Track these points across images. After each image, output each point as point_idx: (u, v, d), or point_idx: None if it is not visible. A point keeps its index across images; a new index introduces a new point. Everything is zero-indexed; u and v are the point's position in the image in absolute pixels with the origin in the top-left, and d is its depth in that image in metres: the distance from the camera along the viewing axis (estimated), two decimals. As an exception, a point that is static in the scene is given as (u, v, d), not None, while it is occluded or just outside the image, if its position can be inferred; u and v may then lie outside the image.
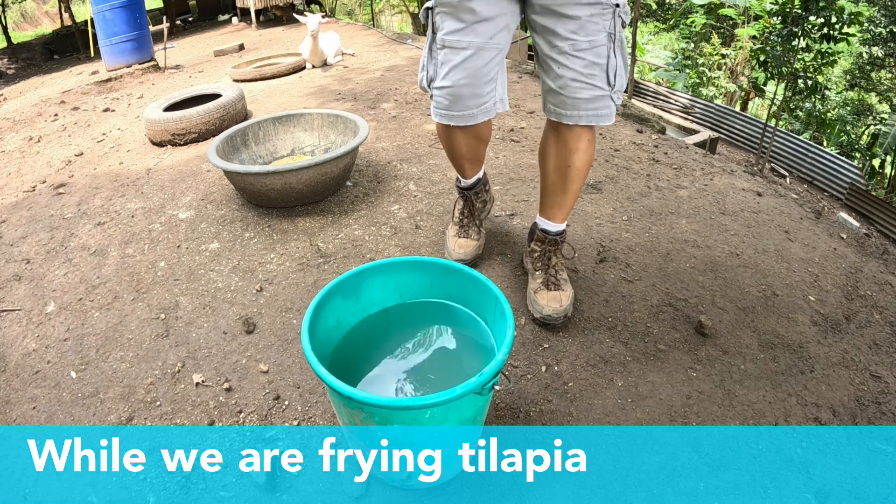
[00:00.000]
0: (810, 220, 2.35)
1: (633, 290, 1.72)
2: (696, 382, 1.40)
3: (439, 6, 1.30)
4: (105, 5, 6.54)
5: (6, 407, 1.43)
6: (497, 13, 1.27)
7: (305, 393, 1.38)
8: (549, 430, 1.26)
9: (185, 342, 1.58)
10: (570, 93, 1.32)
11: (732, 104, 11.81)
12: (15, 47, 12.65)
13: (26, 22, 22.63)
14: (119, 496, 1.17)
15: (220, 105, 3.24)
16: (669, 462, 1.20)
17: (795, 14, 6.39)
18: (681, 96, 10.06)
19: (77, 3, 15.22)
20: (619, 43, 1.29)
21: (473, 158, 1.58)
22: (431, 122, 3.28)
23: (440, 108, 1.42)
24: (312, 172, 2.10)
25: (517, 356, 1.46)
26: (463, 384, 0.89)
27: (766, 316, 1.65)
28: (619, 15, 1.26)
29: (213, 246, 2.04)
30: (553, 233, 1.59)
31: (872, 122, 11.52)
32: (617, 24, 1.27)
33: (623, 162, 2.77)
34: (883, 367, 1.51)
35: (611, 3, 1.24)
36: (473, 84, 1.35)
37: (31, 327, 1.71)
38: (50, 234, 2.27)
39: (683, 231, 2.09)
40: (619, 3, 1.25)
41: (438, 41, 1.33)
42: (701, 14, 11.94)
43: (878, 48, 13.57)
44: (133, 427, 1.33)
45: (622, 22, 1.28)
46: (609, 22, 1.26)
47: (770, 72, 7.06)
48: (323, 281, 1.79)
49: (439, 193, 2.34)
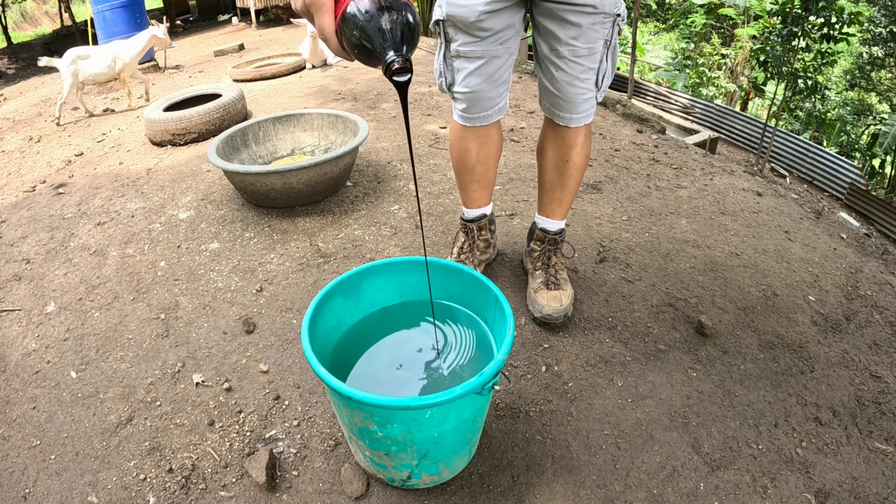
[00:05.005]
0: (810, 220, 2.35)
1: (633, 290, 1.72)
2: (696, 382, 1.40)
3: (450, 22, 1.31)
4: (105, 5, 6.54)
5: (6, 407, 1.43)
6: (507, 25, 1.31)
7: (305, 393, 1.38)
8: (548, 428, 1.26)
9: (185, 342, 1.58)
10: (565, 95, 1.37)
11: (732, 104, 11.81)
12: (15, 47, 12.65)
13: (26, 22, 22.63)
14: (119, 496, 1.17)
15: (220, 105, 3.24)
16: (669, 462, 1.20)
17: (795, 14, 6.39)
18: (681, 96, 10.06)
19: (77, 3, 15.22)
20: (612, 49, 1.34)
21: (483, 176, 1.57)
22: (431, 122, 3.29)
23: (460, 111, 1.47)
24: (312, 172, 2.10)
25: (517, 356, 1.46)
26: (463, 384, 0.89)
27: (766, 316, 1.65)
28: (618, 24, 1.29)
29: (213, 246, 2.04)
30: (553, 232, 1.60)
31: (872, 122, 11.52)
32: (615, 32, 1.31)
33: (623, 162, 2.77)
34: (883, 367, 1.51)
35: (612, 14, 1.27)
36: (489, 88, 1.39)
37: (31, 327, 1.71)
38: (50, 234, 2.27)
39: (683, 231, 2.09)
40: (619, 14, 1.28)
41: (452, 51, 1.36)
42: (701, 14, 11.95)
43: (878, 48, 13.57)
44: (133, 427, 1.33)
45: (619, 30, 1.31)
46: (608, 30, 1.29)
47: (770, 72, 7.05)
48: (323, 281, 1.79)
49: (439, 193, 2.34)
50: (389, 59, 0.68)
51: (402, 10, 0.69)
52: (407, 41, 0.69)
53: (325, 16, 0.70)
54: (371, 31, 0.67)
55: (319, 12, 0.70)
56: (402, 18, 0.68)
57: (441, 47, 1.39)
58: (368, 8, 0.67)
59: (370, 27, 0.67)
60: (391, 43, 0.68)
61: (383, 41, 0.68)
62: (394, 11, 0.68)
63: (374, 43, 0.68)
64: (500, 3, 1.25)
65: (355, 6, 0.68)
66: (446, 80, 1.42)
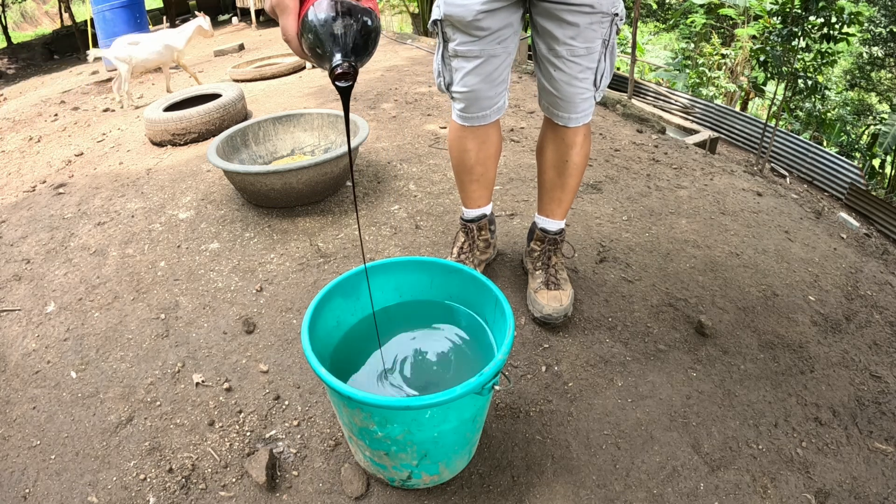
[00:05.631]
0: (810, 220, 2.35)
1: (633, 290, 1.72)
2: (696, 382, 1.40)
3: (448, 21, 1.31)
4: (105, 5, 6.54)
5: (6, 407, 1.43)
6: (504, 24, 1.31)
7: (305, 393, 1.38)
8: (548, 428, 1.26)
9: (185, 342, 1.58)
10: (564, 94, 1.37)
11: (732, 104, 11.81)
12: (15, 47, 12.65)
13: (26, 22, 22.64)
14: (119, 496, 1.17)
15: (220, 105, 3.24)
16: (669, 462, 1.20)
17: (795, 14, 6.39)
18: (681, 96, 10.06)
19: (77, 3, 15.23)
20: (610, 48, 1.34)
21: (482, 176, 1.57)
22: (431, 122, 3.29)
23: (458, 111, 1.47)
24: (312, 172, 2.10)
25: (517, 356, 1.46)
26: (463, 384, 0.89)
27: (766, 316, 1.65)
28: (615, 23, 1.29)
29: (213, 246, 2.04)
30: (553, 231, 1.60)
31: (872, 122, 11.51)
32: (612, 32, 1.31)
33: (623, 162, 2.77)
34: (883, 367, 1.51)
35: (610, 13, 1.27)
36: (487, 87, 1.39)
37: (31, 327, 1.71)
38: (50, 234, 2.27)
39: (683, 231, 2.09)
40: (617, 13, 1.27)
41: (450, 51, 1.36)
42: (701, 14, 11.94)
43: (878, 48, 13.57)
44: (133, 427, 1.33)
45: (617, 29, 1.31)
46: (606, 30, 1.29)
47: (770, 72, 7.05)
48: (323, 281, 1.79)
49: (439, 193, 2.34)
50: (335, 63, 0.69)
51: (360, 16, 0.70)
52: (358, 48, 0.70)
53: (288, 18, 0.72)
54: (323, 35, 0.69)
55: (283, 14, 0.72)
56: (357, 25, 0.69)
57: (439, 47, 1.39)
58: (324, 13, 0.69)
59: (322, 31, 0.69)
60: (340, 48, 0.69)
61: (333, 46, 0.69)
62: (349, 17, 0.69)
63: (325, 47, 0.70)
64: (497, 2, 1.26)
65: (314, 11, 0.69)
66: (445, 80, 1.43)
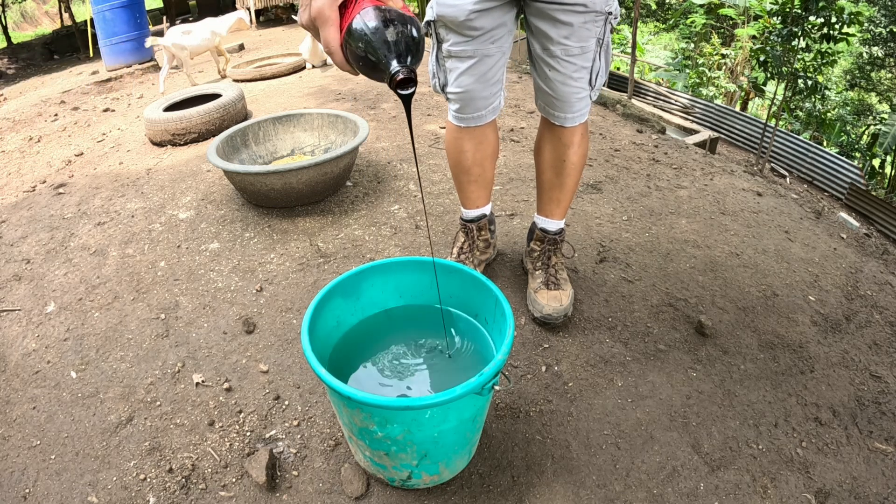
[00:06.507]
0: (810, 220, 2.35)
1: (633, 290, 1.72)
2: (696, 382, 1.40)
3: (441, 22, 1.31)
4: (105, 5, 6.54)
5: (6, 407, 1.43)
6: (498, 24, 1.30)
7: (305, 393, 1.38)
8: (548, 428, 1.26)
9: (185, 342, 1.58)
10: (559, 94, 1.37)
11: (732, 104, 11.81)
12: (15, 47, 12.65)
13: (26, 22, 22.63)
14: (119, 496, 1.17)
15: (220, 105, 3.24)
16: (669, 462, 1.20)
17: (795, 14, 6.39)
18: (681, 96, 10.06)
19: (77, 3, 15.22)
20: (605, 47, 1.33)
21: (480, 176, 1.57)
22: (431, 121, 3.29)
23: (454, 112, 1.47)
24: (312, 172, 2.10)
25: (517, 356, 1.46)
26: (463, 384, 0.89)
27: (766, 316, 1.65)
28: (609, 22, 1.29)
29: (213, 246, 2.04)
30: (552, 231, 1.60)
31: (872, 122, 11.52)
32: (607, 31, 1.31)
33: (623, 162, 2.77)
34: (883, 367, 1.51)
35: (603, 12, 1.26)
36: (482, 87, 1.39)
37: (31, 327, 1.71)
38: (50, 234, 2.27)
39: (683, 231, 2.09)
40: (611, 12, 1.27)
41: (444, 51, 1.36)
42: (701, 14, 11.95)
43: (878, 48, 13.57)
44: (133, 427, 1.33)
45: (612, 28, 1.31)
46: (600, 29, 1.29)
47: (770, 72, 7.05)
48: (323, 281, 1.79)
49: (439, 193, 2.34)
50: (394, 70, 0.68)
51: (407, 24, 0.69)
52: (412, 53, 0.69)
53: (330, 29, 0.70)
54: (377, 43, 0.68)
55: (325, 26, 0.70)
56: (408, 32, 0.69)
57: (433, 48, 1.39)
58: (374, 21, 0.68)
59: (375, 39, 0.68)
60: (395, 55, 0.68)
61: (388, 53, 0.68)
62: (399, 24, 0.69)
63: (379, 55, 0.68)
64: (489, 2, 1.25)
65: (361, 20, 0.69)
66: (439, 81, 1.43)
